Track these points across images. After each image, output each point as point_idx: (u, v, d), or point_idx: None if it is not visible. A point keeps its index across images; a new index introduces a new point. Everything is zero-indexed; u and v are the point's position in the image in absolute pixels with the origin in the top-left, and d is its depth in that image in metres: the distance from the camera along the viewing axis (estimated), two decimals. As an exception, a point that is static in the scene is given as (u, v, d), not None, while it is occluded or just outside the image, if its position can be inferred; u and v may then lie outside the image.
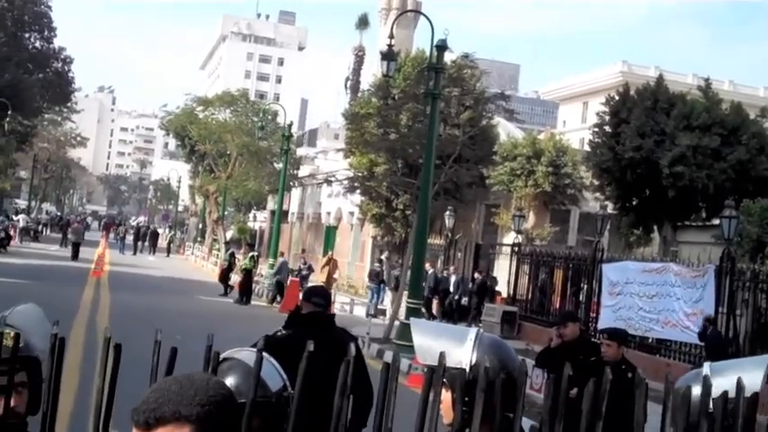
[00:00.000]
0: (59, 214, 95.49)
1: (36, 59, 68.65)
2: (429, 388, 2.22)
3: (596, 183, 29.59)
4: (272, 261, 37.65)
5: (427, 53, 30.46)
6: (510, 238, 31.00)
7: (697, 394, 2.15)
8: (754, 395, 2.02)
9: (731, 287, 18.15)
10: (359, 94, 55.55)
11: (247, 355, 2.53)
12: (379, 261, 31.25)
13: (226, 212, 59.61)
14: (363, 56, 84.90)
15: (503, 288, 28.59)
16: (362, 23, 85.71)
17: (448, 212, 31.88)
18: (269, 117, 53.55)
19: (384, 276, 30.24)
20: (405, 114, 30.46)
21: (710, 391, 2.04)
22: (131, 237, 62.51)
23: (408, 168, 30.75)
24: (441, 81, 21.35)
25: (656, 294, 19.66)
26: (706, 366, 2.48)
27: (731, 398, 2.03)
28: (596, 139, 29.28)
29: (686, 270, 19.20)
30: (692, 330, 18.18)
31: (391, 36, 21.79)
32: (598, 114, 30.13)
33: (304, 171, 55.65)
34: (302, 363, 2.24)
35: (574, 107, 69.53)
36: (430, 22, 21.33)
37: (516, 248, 28.02)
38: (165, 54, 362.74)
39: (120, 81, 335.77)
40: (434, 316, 27.70)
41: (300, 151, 61.93)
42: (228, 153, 51.84)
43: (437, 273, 29.16)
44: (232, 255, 34.20)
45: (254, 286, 31.78)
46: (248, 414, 2.04)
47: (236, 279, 32.63)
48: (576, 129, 62.41)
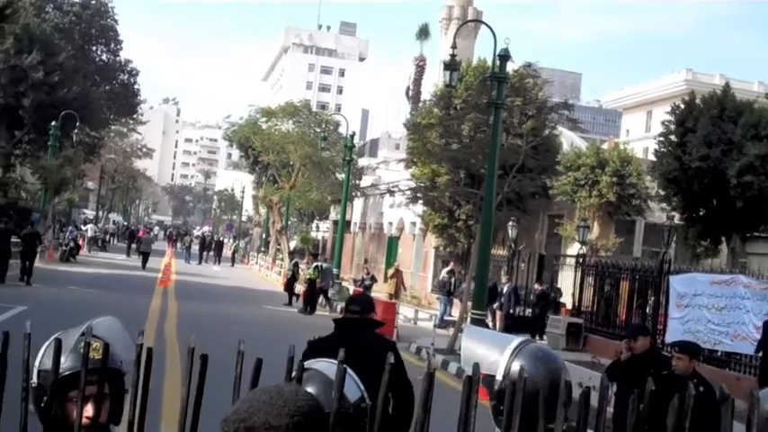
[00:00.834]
0: (126, 224, 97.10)
1: (103, 72, 70.04)
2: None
3: (662, 193, 29.18)
4: (335, 271, 37.85)
5: (488, 63, 30.50)
6: (574, 248, 30.72)
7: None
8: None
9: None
10: (420, 104, 55.59)
11: (326, 365, 2.56)
12: (450, 272, 31.18)
13: (289, 222, 60.02)
14: (424, 66, 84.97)
15: (567, 299, 28.35)
16: (423, 34, 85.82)
17: (511, 223, 31.70)
18: (331, 127, 53.90)
19: (452, 287, 30.19)
20: (467, 124, 30.39)
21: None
22: (197, 246, 63.33)
23: (471, 178, 30.66)
24: (503, 91, 21.28)
25: (726, 307, 19.32)
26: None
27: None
28: (662, 149, 28.90)
29: (756, 282, 18.84)
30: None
31: (454, 46, 21.81)
32: (663, 123, 29.74)
33: (366, 181, 55.82)
34: (384, 375, 2.27)
35: (637, 116, 68.75)
36: (492, 31, 21.30)
37: (581, 259, 27.76)
38: (228, 66, 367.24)
39: (185, 93, 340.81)
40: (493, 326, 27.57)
41: (362, 161, 62.13)
42: (291, 163, 52.23)
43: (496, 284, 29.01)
44: (296, 265, 34.44)
45: (318, 296, 31.96)
46: (332, 425, 2.08)
47: (300, 289, 32.84)
48: (640, 138, 61.68)
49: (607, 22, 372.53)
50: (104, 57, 71.87)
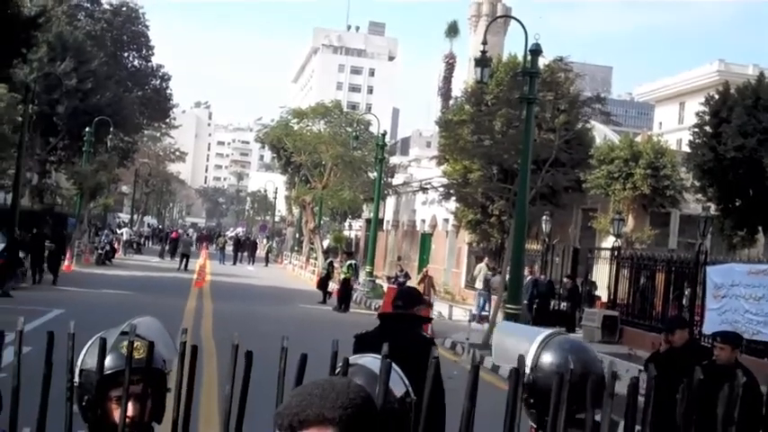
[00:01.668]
0: (160, 227, 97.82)
1: (135, 77, 70.66)
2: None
3: (697, 184, 28.92)
4: (369, 268, 37.92)
5: (519, 58, 30.40)
6: (608, 242, 30.52)
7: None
8: None
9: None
10: (451, 101, 55.52)
11: (370, 360, 2.56)
12: (493, 269, 31.16)
13: (322, 222, 60.18)
14: (454, 63, 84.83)
15: (602, 293, 28.20)
16: (452, 31, 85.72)
17: (545, 217, 31.56)
18: (362, 127, 53.96)
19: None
20: (499, 120, 30.29)
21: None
22: (230, 247, 63.68)
23: (504, 174, 30.57)
24: (535, 85, 21.19)
25: (763, 296, 19.11)
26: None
27: None
28: (696, 140, 28.64)
29: (795, 271, 18.62)
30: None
31: (484, 42, 21.74)
32: (697, 114, 29.48)
33: (398, 179, 55.85)
34: (429, 370, 2.27)
35: (670, 108, 68.18)
36: (523, 27, 21.21)
37: (616, 252, 27.58)
38: (258, 69, 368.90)
39: (216, 97, 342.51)
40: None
41: (393, 160, 62.17)
42: (323, 163, 52.33)
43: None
44: (331, 264, 34.50)
45: (352, 293, 32.06)
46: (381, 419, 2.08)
47: (333, 287, 32.93)
48: (673, 130, 61.17)
49: (636, 15, 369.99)
50: (136, 62, 72.53)
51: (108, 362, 2.76)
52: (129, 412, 2.72)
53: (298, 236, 67.26)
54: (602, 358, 2.85)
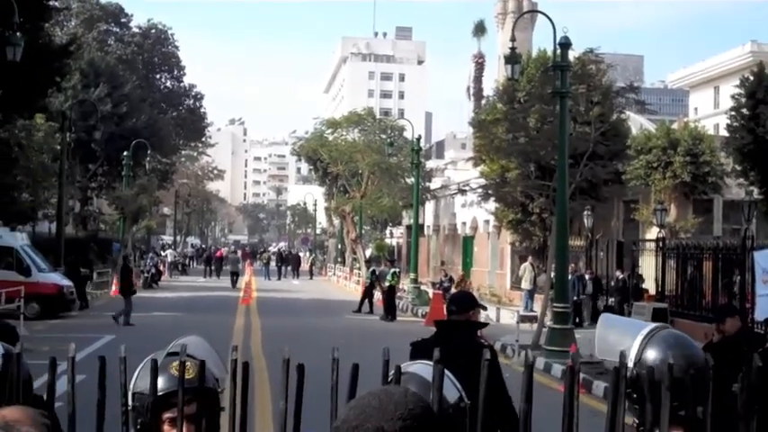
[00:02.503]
0: (203, 246, 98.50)
1: (168, 99, 71.29)
2: (615, 387, 2.20)
3: (738, 168, 28.56)
4: (413, 275, 37.83)
5: (548, 53, 30.21)
6: (652, 233, 30.23)
7: None
8: None
9: None
10: (482, 101, 55.30)
11: (420, 367, 2.54)
12: (537, 268, 31.11)
13: (363, 231, 60.24)
14: (483, 63, 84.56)
15: (649, 285, 27.89)
16: (479, 30, 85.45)
17: (586, 212, 31.33)
18: (396, 133, 53.98)
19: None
20: (533, 116, 30.12)
21: None
22: (274, 263, 63.94)
23: (541, 171, 30.37)
24: (567, 79, 21.03)
25: (814, 278, 18.81)
26: None
27: None
28: (734, 123, 28.32)
29: None
30: None
31: (513, 39, 21.64)
32: (733, 97, 29.16)
33: (435, 183, 55.75)
34: (483, 371, 2.25)
35: (704, 93, 67.45)
36: (551, 20, 21.08)
37: (660, 243, 27.29)
38: (289, 82, 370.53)
39: (250, 113, 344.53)
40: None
41: (429, 164, 62.09)
42: (360, 172, 52.41)
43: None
44: (373, 272, 34.55)
45: (397, 302, 31.99)
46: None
47: (377, 296, 32.90)
48: (710, 115, 60.52)
49: (663, 3, 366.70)
50: (169, 83, 73.18)
51: (160, 383, 2.76)
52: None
53: (340, 247, 67.38)
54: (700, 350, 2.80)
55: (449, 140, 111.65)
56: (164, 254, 62.33)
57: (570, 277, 27.35)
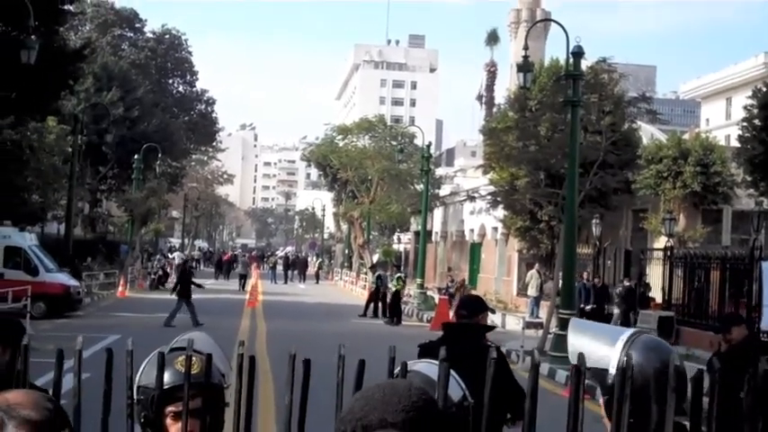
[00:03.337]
0: (211, 250, 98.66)
1: (180, 103, 71.51)
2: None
3: (748, 179, 28.47)
4: (419, 281, 37.85)
5: (561, 62, 30.21)
6: (660, 242, 30.17)
7: None
8: None
9: None
10: (494, 109, 55.34)
11: (425, 366, 2.54)
12: (544, 275, 31.12)
13: (370, 237, 60.27)
14: (495, 71, 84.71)
15: (656, 294, 27.85)
16: (492, 39, 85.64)
17: (595, 220, 31.29)
18: (406, 140, 54.04)
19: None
20: (544, 125, 30.11)
21: None
22: (281, 267, 64.05)
23: (551, 179, 30.35)
24: (579, 88, 21.03)
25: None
26: None
27: None
28: (746, 134, 28.23)
29: None
30: None
31: (526, 47, 21.66)
32: (745, 108, 29.07)
33: (444, 190, 55.76)
34: (488, 369, 2.25)
35: (717, 104, 67.29)
36: (564, 29, 21.08)
37: (668, 252, 27.24)
38: (300, 88, 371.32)
39: (261, 118, 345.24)
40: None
41: (439, 171, 62.12)
42: (370, 178, 52.48)
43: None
44: (378, 277, 34.51)
45: (403, 306, 32.04)
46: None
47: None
48: (721, 126, 60.37)
49: (675, 13, 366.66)
50: (181, 88, 73.43)
51: (165, 378, 2.77)
52: (181, 429, 2.70)
53: (347, 252, 67.44)
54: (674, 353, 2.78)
55: (459, 148, 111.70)
56: (171, 256, 62.43)
57: (577, 285, 27.40)
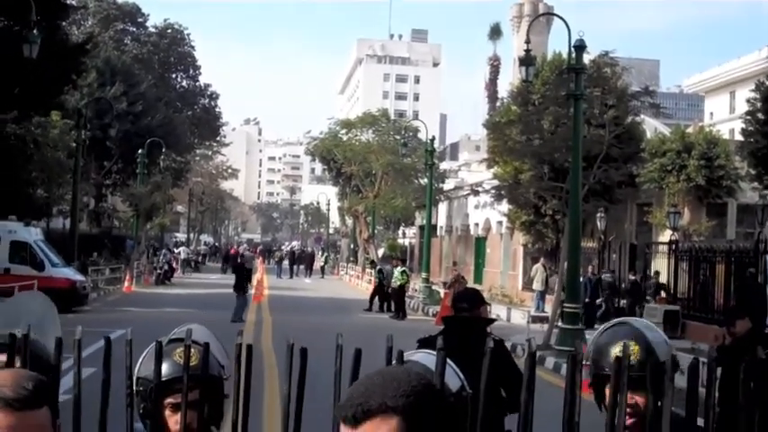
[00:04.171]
0: (216, 244, 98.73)
1: (184, 98, 71.56)
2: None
3: (753, 172, 28.45)
4: (424, 275, 37.86)
5: (563, 56, 30.14)
6: (665, 236, 30.15)
7: None
8: None
9: None
10: (497, 103, 55.28)
11: (423, 356, 2.55)
12: (549, 269, 31.13)
13: (375, 231, 60.29)
14: (498, 66, 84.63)
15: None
16: (495, 33, 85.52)
17: (599, 214, 31.27)
18: (410, 134, 54.01)
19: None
20: (547, 119, 30.06)
21: None
22: (287, 261, 64.07)
23: (555, 173, 30.29)
24: (582, 82, 21.02)
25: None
26: None
27: None
28: (749, 127, 28.21)
29: None
30: None
31: (528, 41, 21.65)
32: (749, 101, 29.03)
33: (449, 185, 55.74)
34: (485, 359, 2.26)
35: (720, 98, 67.17)
36: (566, 23, 21.08)
37: (673, 246, 27.22)
38: (304, 83, 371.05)
39: (265, 113, 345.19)
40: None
41: (443, 165, 62.14)
42: (374, 173, 52.48)
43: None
44: (380, 271, 34.51)
45: (408, 300, 32.05)
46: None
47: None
48: (725, 120, 60.26)
49: (680, 7, 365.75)
50: (184, 83, 73.47)
51: (163, 369, 2.79)
52: (179, 420, 2.71)
53: (352, 246, 67.47)
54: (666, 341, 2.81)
55: (463, 142, 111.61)
56: (177, 251, 62.51)
57: (582, 279, 27.39)
